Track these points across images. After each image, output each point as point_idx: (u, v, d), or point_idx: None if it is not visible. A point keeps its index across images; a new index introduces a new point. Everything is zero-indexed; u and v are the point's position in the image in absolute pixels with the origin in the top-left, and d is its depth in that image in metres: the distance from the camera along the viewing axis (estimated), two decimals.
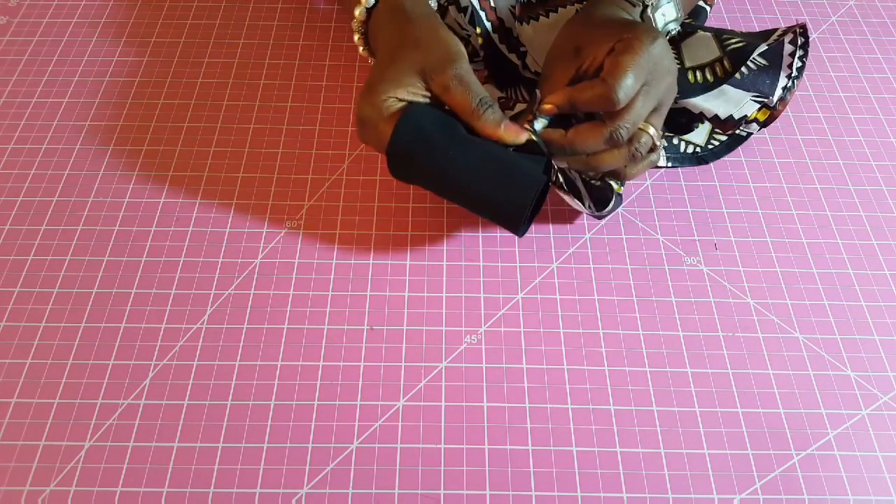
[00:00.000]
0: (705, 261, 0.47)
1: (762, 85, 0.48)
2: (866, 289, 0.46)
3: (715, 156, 0.51)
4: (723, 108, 0.48)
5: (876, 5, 0.64)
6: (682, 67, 0.48)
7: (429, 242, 0.47)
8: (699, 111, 0.48)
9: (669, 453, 0.39)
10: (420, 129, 0.40)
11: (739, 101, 0.48)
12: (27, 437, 0.39)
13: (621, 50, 0.38)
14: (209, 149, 0.52)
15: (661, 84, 0.39)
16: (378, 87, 0.40)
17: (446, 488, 0.38)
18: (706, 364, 0.42)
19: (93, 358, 0.42)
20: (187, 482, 0.38)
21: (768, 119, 0.48)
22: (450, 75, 0.40)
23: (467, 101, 0.40)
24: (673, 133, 0.51)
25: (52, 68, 0.57)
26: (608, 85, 0.37)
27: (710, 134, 0.51)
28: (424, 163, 0.40)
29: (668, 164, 0.51)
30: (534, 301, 0.45)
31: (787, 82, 0.48)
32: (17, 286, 0.45)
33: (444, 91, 0.40)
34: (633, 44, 0.38)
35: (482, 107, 0.40)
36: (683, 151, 0.51)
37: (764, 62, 0.49)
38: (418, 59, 0.40)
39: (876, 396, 0.41)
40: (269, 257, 0.46)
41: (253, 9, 0.62)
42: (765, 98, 0.48)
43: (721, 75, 0.47)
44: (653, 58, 0.38)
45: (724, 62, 0.47)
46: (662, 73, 0.39)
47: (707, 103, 0.48)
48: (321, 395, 0.41)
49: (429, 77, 0.40)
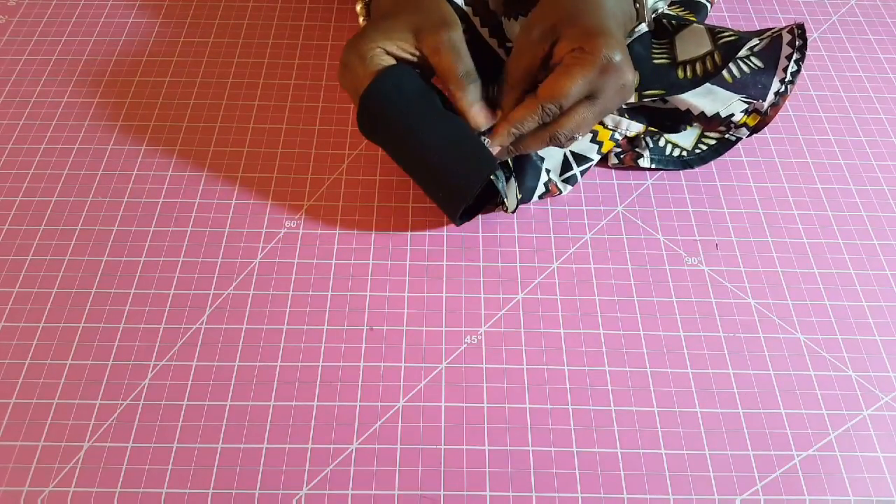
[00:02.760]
0: (706, 261, 0.47)
1: (753, 88, 0.48)
2: (868, 289, 0.46)
3: (701, 160, 0.51)
4: (710, 106, 0.48)
5: (877, 4, 0.64)
6: (673, 63, 0.47)
7: (429, 242, 0.47)
8: (686, 108, 0.48)
9: (670, 454, 0.39)
10: (398, 87, 0.40)
11: (727, 100, 0.48)
12: (26, 438, 0.39)
13: (567, 67, 0.38)
14: (208, 148, 0.51)
15: (607, 96, 0.39)
16: (369, 34, 0.41)
17: (446, 489, 0.38)
18: (707, 364, 0.42)
19: (91, 358, 0.42)
20: (186, 483, 0.38)
21: (759, 124, 0.48)
22: (442, 38, 0.40)
23: (454, 68, 0.40)
24: (664, 131, 0.50)
25: (51, 68, 0.57)
26: (541, 108, 0.39)
27: (699, 138, 0.51)
28: (391, 122, 0.41)
29: (650, 166, 0.50)
30: (534, 301, 0.44)
31: (780, 87, 0.48)
32: (15, 286, 0.45)
33: (433, 52, 0.40)
34: (584, 61, 0.38)
35: (467, 79, 0.40)
36: (669, 154, 0.50)
37: (759, 64, 0.49)
38: (414, 18, 0.41)
39: (877, 397, 0.41)
40: (268, 257, 0.46)
41: (252, 8, 0.62)
42: (753, 101, 0.48)
43: (711, 70, 0.46)
44: (598, 77, 0.38)
45: (715, 56, 0.46)
46: (612, 86, 0.39)
47: (694, 100, 0.48)
48: (321, 395, 0.41)
49: (421, 36, 0.40)
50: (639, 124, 0.49)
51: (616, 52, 0.38)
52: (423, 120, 0.41)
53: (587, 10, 0.40)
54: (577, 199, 0.49)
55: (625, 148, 0.50)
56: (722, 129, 0.49)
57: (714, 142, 0.50)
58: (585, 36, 0.38)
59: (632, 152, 0.50)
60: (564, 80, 0.38)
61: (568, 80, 0.38)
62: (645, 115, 0.50)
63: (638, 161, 0.50)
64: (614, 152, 0.50)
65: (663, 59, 0.48)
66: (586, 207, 0.49)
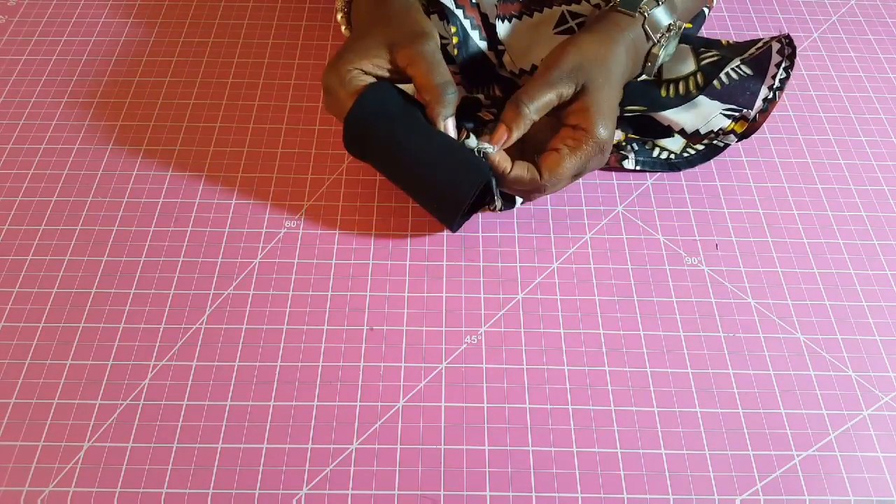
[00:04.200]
0: (706, 261, 0.47)
1: (741, 96, 0.48)
2: (868, 289, 0.46)
3: (689, 164, 0.51)
4: (690, 122, 0.48)
5: (877, 4, 0.64)
6: (658, 81, 0.48)
7: (429, 242, 0.47)
8: (668, 123, 0.49)
9: (670, 454, 0.39)
10: (380, 107, 0.41)
11: (709, 115, 0.48)
12: (26, 438, 0.39)
13: (573, 150, 0.41)
14: (208, 148, 0.51)
15: (589, 168, 0.43)
16: (344, 56, 0.41)
17: (446, 489, 0.38)
18: (707, 364, 0.42)
19: (91, 358, 0.42)
20: (186, 483, 0.38)
21: (747, 131, 0.48)
22: (416, 50, 0.40)
23: (429, 80, 0.40)
24: (649, 137, 0.50)
25: (51, 68, 0.57)
26: (542, 185, 0.42)
27: (687, 143, 0.51)
28: (377, 141, 0.41)
29: (636, 168, 0.50)
30: (534, 301, 0.44)
31: (768, 93, 0.48)
32: (15, 286, 0.45)
33: (409, 64, 0.41)
34: (581, 147, 0.41)
35: (443, 90, 0.40)
36: (656, 157, 0.51)
37: (748, 71, 0.49)
38: (387, 33, 0.41)
39: (877, 397, 0.41)
40: (268, 257, 0.46)
41: (252, 8, 0.62)
42: (739, 110, 0.48)
43: (693, 90, 0.47)
44: (591, 152, 0.41)
45: (698, 76, 0.48)
46: (596, 162, 0.43)
47: (676, 116, 0.48)
48: (321, 395, 0.41)
49: (395, 50, 0.41)
50: (618, 133, 0.50)
51: (605, 132, 0.41)
52: (409, 136, 0.41)
53: (602, 84, 0.42)
54: (577, 199, 0.49)
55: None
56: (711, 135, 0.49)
57: (703, 147, 0.50)
58: (589, 119, 0.41)
59: (616, 154, 0.50)
60: (567, 160, 0.41)
61: (570, 164, 0.41)
62: (632, 124, 0.50)
63: (622, 163, 0.50)
64: None
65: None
66: (586, 207, 0.49)
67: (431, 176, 0.41)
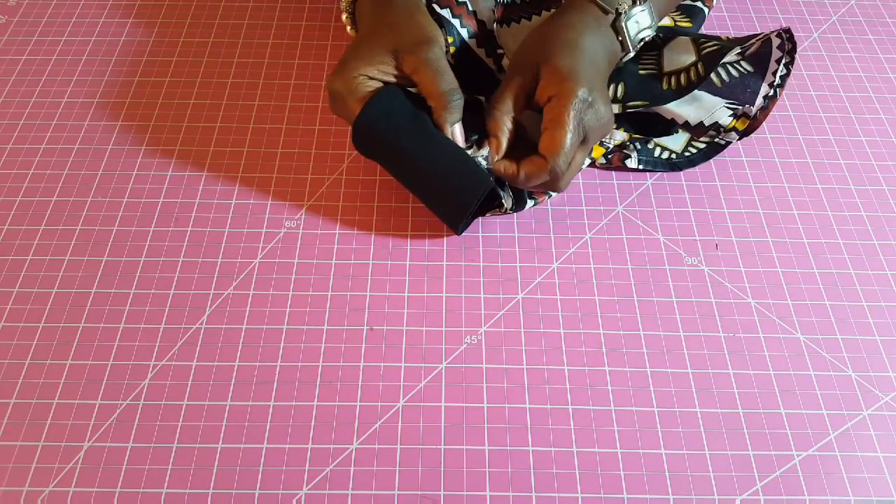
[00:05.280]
0: (706, 261, 0.47)
1: (742, 93, 0.48)
2: (868, 289, 0.46)
3: (690, 163, 0.50)
4: (693, 115, 0.48)
5: (877, 4, 0.64)
6: (658, 74, 0.48)
7: (429, 242, 0.47)
8: (671, 117, 0.49)
9: (670, 454, 0.39)
10: (388, 112, 0.41)
11: (712, 107, 0.48)
12: (26, 438, 0.39)
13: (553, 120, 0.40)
14: (208, 148, 0.51)
15: (592, 134, 0.41)
16: (350, 63, 0.41)
17: (446, 489, 0.38)
18: (707, 364, 0.42)
19: (91, 358, 0.42)
20: (186, 483, 0.38)
21: (748, 128, 0.48)
22: (421, 57, 0.40)
23: (435, 87, 0.40)
24: (651, 136, 0.50)
25: (51, 68, 0.57)
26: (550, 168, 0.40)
27: (688, 142, 0.51)
28: (386, 145, 0.42)
29: (638, 167, 0.50)
30: (534, 301, 0.44)
31: (768, 90, 0.48)
32: (15, 286, 0.45)
33: (414, 71, 0.41)
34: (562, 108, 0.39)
35: (449, 96, 0.41)
36: (658, 156, 0.51)
37: (749, 68, 0.49)
38: (392, 39, 0.41)
39: (877, 397, 0.41)
40: (268, 257, 0.46)
41: (252, 8, 0.62)
42: (740, 106, 0.48)
43: (694, 80, 0.47)
44: (579, 112, 0.40)
45: (698, 66, 0.47)
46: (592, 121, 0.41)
47: (678, 109, 0.48)
48: (321, 395, 0.41)
49: (400, 57, 0.41)
50: (622, 133, 0.50)
51: (583, 90, 0.39)
52: (416, 141, 0.42)
53: (561, 52, 0.41)
54: (577, 199, 0.49)
55: (612, 149, 0.50)
56: (712, 133, 0.49)
57: (703, 145, 0.50)
58: (557, 82, 0.40)
59: (619, 153, 0.50)
60: (558, 132, 0.39)
61: (560, 131, 0.39)
62: (633, 123, 0.50)
63: (625, 161, 0.50)
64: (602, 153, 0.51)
65: (650, 69, 0.48)
66: (586, 207, 0.49)
67: (437, 182, 0.42)
